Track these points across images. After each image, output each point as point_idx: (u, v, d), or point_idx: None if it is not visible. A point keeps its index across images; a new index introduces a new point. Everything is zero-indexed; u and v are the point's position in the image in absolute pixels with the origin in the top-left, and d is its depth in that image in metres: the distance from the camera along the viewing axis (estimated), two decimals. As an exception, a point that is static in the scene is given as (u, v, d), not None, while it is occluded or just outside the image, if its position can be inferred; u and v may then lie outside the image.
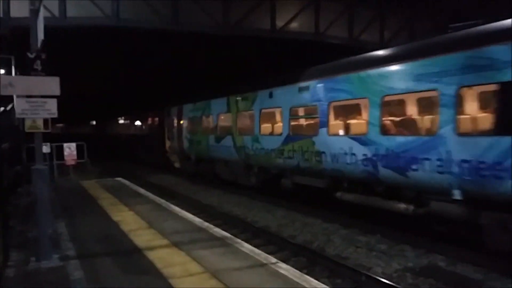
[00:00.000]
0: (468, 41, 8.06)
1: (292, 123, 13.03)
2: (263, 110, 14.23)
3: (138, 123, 34.42)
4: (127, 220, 9.66)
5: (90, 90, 37.67)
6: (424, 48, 9.15)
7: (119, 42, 18.44)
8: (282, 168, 13.41)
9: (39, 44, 7.09)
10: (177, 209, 11.27)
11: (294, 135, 12.74)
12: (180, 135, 21.79)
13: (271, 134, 14.08)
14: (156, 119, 28.41)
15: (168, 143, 24.08)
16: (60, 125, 78.70)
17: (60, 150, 19.01)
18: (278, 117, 14.12)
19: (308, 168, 12.00)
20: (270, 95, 13.70)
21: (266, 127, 14.40)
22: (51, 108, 6.94)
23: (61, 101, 7.21)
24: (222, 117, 17.10)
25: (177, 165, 23.36)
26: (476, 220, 8.01)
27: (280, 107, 13.36)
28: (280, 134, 13.22)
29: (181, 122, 21.70)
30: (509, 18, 7.61)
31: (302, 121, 13.43)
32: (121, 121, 40.50)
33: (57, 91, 6.88)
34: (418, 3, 17.76)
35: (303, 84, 12.25)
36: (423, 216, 9.25)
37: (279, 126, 13.63)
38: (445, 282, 7.45)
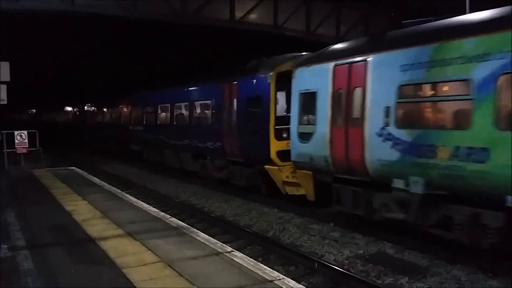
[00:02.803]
0: None
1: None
2: None
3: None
4: (81, 209, 9.48)
5: (41, 77, 36.36)
6: None
7: (75, 28, 17.88)
8: None
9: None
10: (133, 199, 11.16)
11: None
12: None
13: None
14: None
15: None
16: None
17: (11, 138, 18.29)
18: None
19: None
20: None
21: None
22: (1, 94, 6.72)
23: (13, 87, 6.97)
24: None
25: None
26: None
27: None
28: None
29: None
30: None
31: None
32: (71, 109, 40.02)
33: (7, 77, 6.65)
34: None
35: None
36: None
37: None
38: (393, 269, 7.79)
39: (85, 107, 33.81)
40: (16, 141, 18.23)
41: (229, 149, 13.72)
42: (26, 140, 18.51)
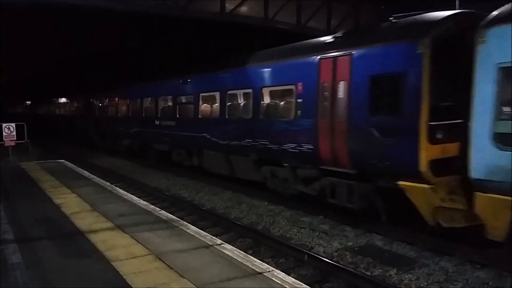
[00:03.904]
0: None
1: None
2: None
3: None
4: (69, 203, 9.41)
5: (28, 70, 35.91)
6: None
7: (61, 19, 17.65)
8: None
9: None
10: (122, 192, 11.10)
11: None
12: None
13: None
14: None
15: None
16: None
17: (-1, 130, 18.09)
18: None
19: None
20: None
21: None
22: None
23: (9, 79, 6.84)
24: None
25: None
26: None
27: None
28: None
29: None
30: None
31: None
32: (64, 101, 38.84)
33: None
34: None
35: None
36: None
37: None
38: (382, 260, 7.87)
39: (92, 99, 28.76)
40: (4, 133, 18.02)
41: (328, 154, 9.75)
42: (14, 133, 18.31)
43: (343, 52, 9.45)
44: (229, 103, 13.82)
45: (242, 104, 13.68)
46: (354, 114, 9.15)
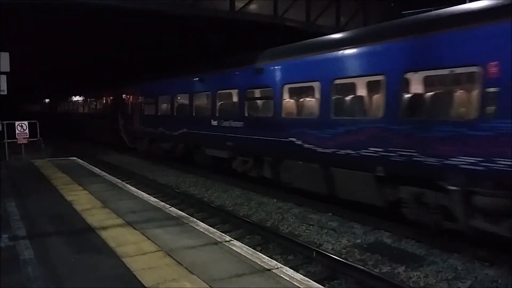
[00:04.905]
0: None
1: None
2: None
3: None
4: (81, 199, 9.53)
5: (44, 67, 36.05)
6: None
7: (71, 18, 17.74)
8: None
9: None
10: (133, 188, 11.20)
11: None
12: None
13: None
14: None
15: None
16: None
17: (12, 128, 18.32)
18: None
19: None
20: None
21: None
22: (0, 85, 6.73)
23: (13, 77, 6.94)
24: None
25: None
26: None
27: None
28: None
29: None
30: None
31: None
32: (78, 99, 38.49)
33: (6, 67, 6.66)
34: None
35: None
36: None
37: None
38: (390, 257, 7.87)
39: (122, 95, 24.71)
40: (17, 131, 18.29)
41: None
42: (27, 131, 18.56)
43: None
44: (337, 97, 10.28)
45: (364, 98, 10.35)
46: None
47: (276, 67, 12.09)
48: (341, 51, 9.89)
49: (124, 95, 24.38)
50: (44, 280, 5.22)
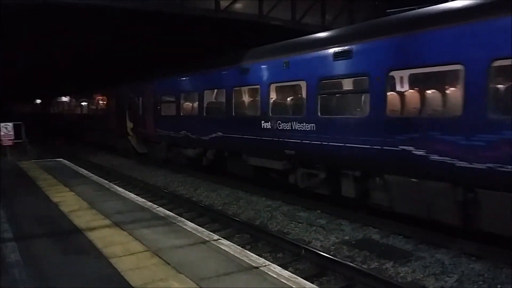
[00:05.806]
0: None
1: None
2: None
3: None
4: (68, 201, 9.45)
5: (31, 68, 35.56)
6: None
7: (62, 19, 17.57)
8: None
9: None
10: (120, 189, 11.13)
11: None
12: None
13: None
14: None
15: None
16: None
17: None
18: None
19: None
20: None
21: None
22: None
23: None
24: None
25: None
26: None
27: None
28: None
29: None
30: None
31: None
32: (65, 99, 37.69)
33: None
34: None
35: None
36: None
37: None
38: (379, 254, 7.93)
39: (131, 94, 21.41)
40: (1, 133, 18.09)
41: None
42: (12, 132, 18.38)
43: None
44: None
45: None
46: None
47: (371, 48, 8.94)
48: None
49: (132, 95, 21.33)
50: (31, 282, 5.16)
